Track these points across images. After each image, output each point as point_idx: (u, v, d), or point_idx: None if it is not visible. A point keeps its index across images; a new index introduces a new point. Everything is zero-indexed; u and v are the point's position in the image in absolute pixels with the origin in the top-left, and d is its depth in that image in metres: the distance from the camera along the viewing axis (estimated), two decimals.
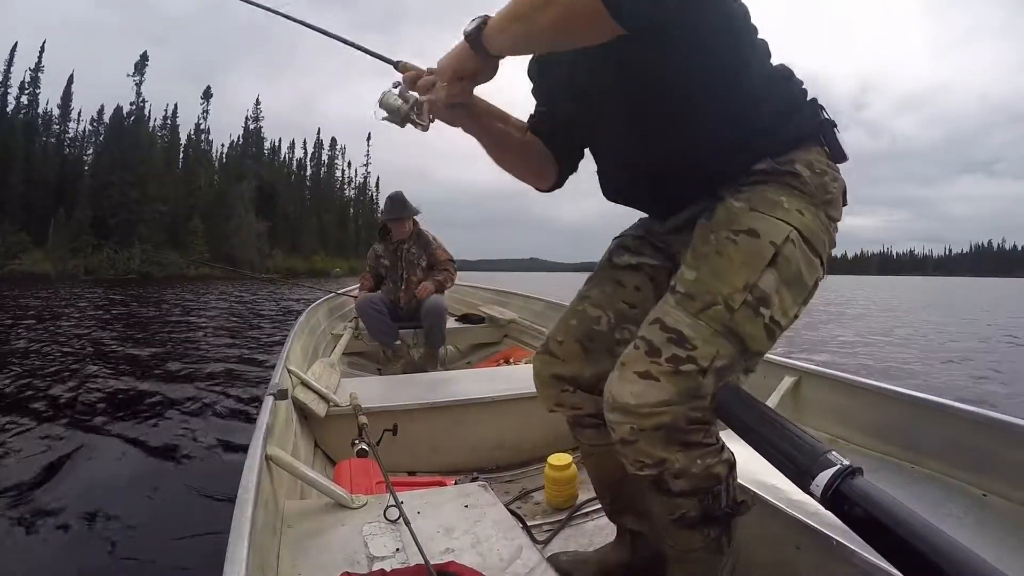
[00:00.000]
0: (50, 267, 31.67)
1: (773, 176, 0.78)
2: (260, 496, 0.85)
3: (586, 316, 0.96)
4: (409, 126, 0.80)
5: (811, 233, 0.76)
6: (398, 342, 3.10)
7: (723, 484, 0.76)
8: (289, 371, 1.67)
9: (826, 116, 0.82)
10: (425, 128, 0.80)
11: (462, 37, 0.73)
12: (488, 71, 0.77)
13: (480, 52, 0.72)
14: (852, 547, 0.83)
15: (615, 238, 1.03)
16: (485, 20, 0.71)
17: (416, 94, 0.80)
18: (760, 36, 0.81)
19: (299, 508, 1.03)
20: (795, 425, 0.70)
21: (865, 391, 1.37)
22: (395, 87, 0.81)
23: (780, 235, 0.74)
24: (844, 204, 0.82)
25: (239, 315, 9.99)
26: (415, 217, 3.24)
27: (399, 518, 0.91)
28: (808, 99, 0.83)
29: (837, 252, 0.85)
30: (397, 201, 3.16)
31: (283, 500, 1.05)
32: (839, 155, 0.82)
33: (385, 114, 0.80)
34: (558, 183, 1.03)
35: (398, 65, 0.84)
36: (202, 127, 52.00)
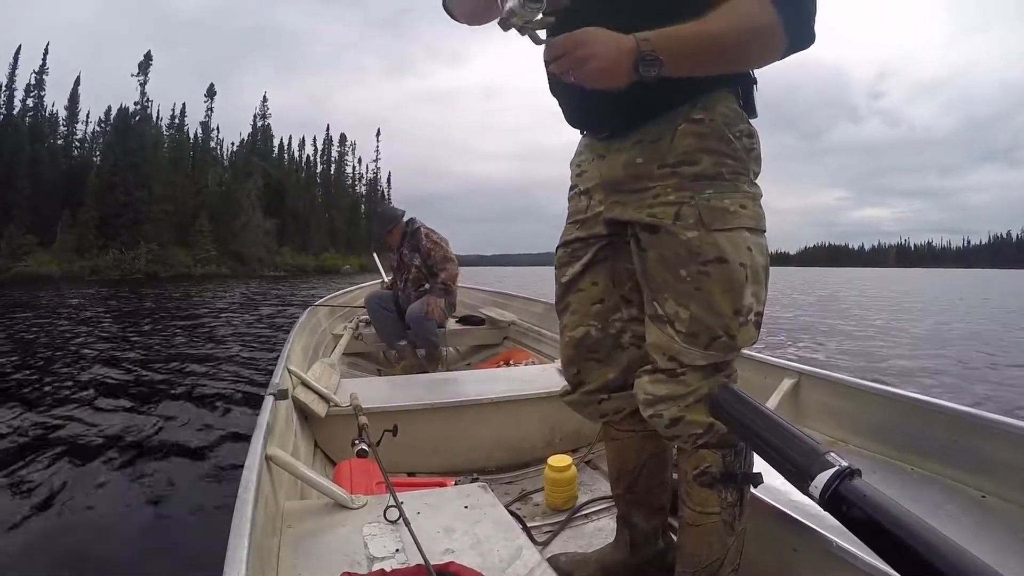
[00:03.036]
0: (56, 268, 31.62)
1: (705, 152, 0.79)
2: (260, 496, 0.85)
3: (575, 340, 0.99)
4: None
5: (757, 219, 0.82)
6: (403, 343, 3.09)
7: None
8: (289, 371, 1.67)
9: (750, 72, 0.85)
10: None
11: (629, 69, 0.68)
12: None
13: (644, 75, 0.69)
14: (851, 549, 0.84)
15: (556, 250, 1.02)
16: (662, 65, 0.68)
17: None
18: None
19: (299, 508, 1.03)
20: (794, 426, 0.70)
21: (864, 393, 1.37)
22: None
23: (742, 251, 0.79)
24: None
25: (242, 314, 9.99)
26: (409, 218, 3.25)
27: (399, 518, 0.91)
28: None
29: (854, 244, 0.84)
30: (377, 217, 3.31)
31: (283, 500, 1.06)
32: (751, 110, 0.85)
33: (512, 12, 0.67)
34: None
35: None
36: (209, 125, 52.13)
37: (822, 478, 0.60)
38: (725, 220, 0.79)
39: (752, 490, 0.96)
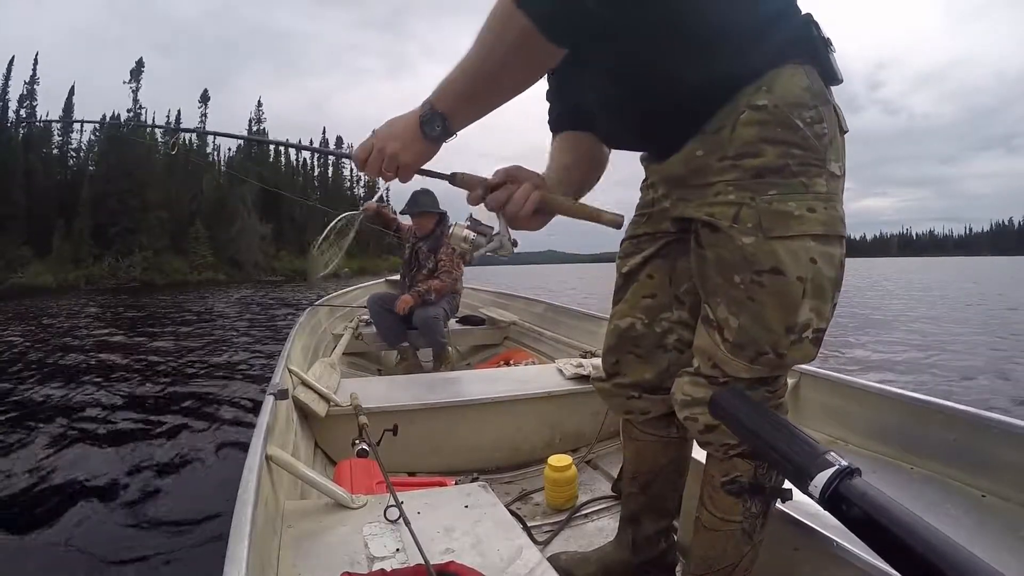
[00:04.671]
0: (51, 279, 31.56)
1: (767, 142, 0.71)
2: (260, 496, 0.85)
3: (619, 330, 0.98)
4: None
5: (827, 224, 0.73)
6: (404, 344, 3.08)
7: None
8: (289, 371, 1.67)
9: (818, 33, 0.74)
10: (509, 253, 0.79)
11: (421, 138, 0.72)
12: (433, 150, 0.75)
13: (446, 139, 0.72)
14: (851, 548, 0.84)
15: (621, 243, 1.02)
16: (443, 117, 0.70)
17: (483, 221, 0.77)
18: None
19: (299, 508, 1.03)
20: (794, 426, 0.70)
21: (864, 392, 1.37)
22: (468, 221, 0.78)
23: (803, 263, 0.71)
24: (844, 131, 0.77)
25: (240, 318, 9.99)
26: (443, 213, 3.09)
27: (399, 518, 0.91)
28: (802, 13, 0.76)
29: (856, 234, 0.80)
30: (416, 196, 3.05)
31: (283, 500, 1.05)
32: (831, 76, 0.75)
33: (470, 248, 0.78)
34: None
35: (455, 179, 0.80)
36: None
37: (822, 477, 0.60)
38: (787, 227, 0.71)
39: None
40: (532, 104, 1.02)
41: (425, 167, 0.77)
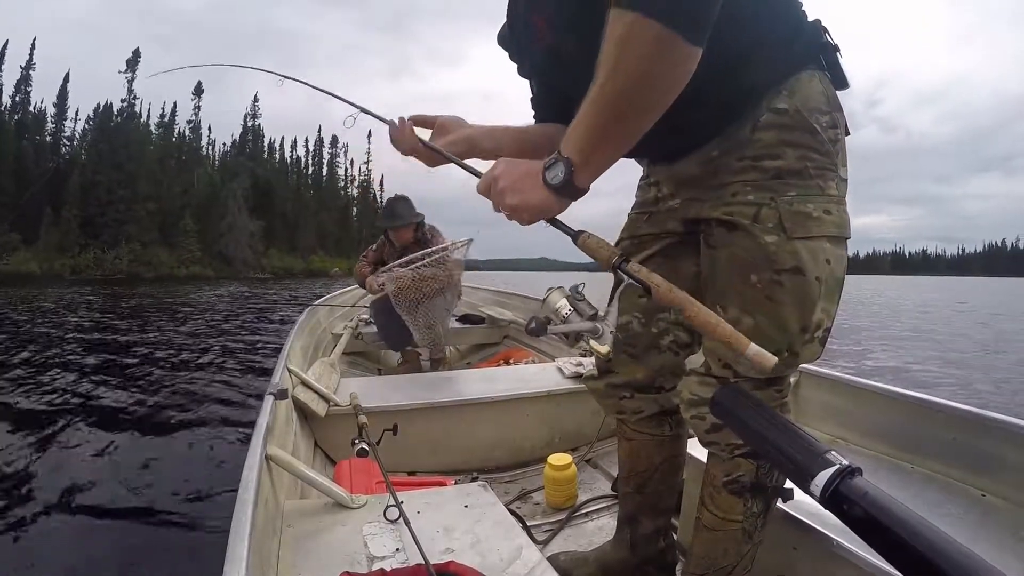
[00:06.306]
0: (36, 267, 31.55)
1: (788, 145, 0.72)
2: (260, 496, 0.85)
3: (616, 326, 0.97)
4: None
5: (840, 226, 0.75)
6: (409, 347, 3.07)
7: None
8: (289, 371, 1.67)
9: (829, 39, 0.75)
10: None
11: (541, 184, 0.65)
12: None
13: (573, 192, 0.65)
14: (851, 547, 0.84)
15: (619, 242, 1.00)
16: (569, 163, 0.63)
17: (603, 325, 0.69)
18: None
19: (299, 508, 1.03)
20: (795, 425, 0.70)
21: (864, 391, 1.37)
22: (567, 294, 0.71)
23: (820, 263, 0.73)
24: (848, 134, 0.78)
25: (235, 316, 9.97)
26: (421, 220, 3.00)
27: (399, 518, 0.91)
28: (810, 20, 0.76)
29: (849, 252, 0.81)
30: (393, 207, 2.98)
31: (283, 500, 1.05)
32: (841, 82, 0.77)
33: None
34: None
35: (577, 238, 0.71)
36: (199, 124, 52.07)
37: (823, 476, 0.60)
38: (807, 228, 0.72)
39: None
40: (529, 112, 0.98)
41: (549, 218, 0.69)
